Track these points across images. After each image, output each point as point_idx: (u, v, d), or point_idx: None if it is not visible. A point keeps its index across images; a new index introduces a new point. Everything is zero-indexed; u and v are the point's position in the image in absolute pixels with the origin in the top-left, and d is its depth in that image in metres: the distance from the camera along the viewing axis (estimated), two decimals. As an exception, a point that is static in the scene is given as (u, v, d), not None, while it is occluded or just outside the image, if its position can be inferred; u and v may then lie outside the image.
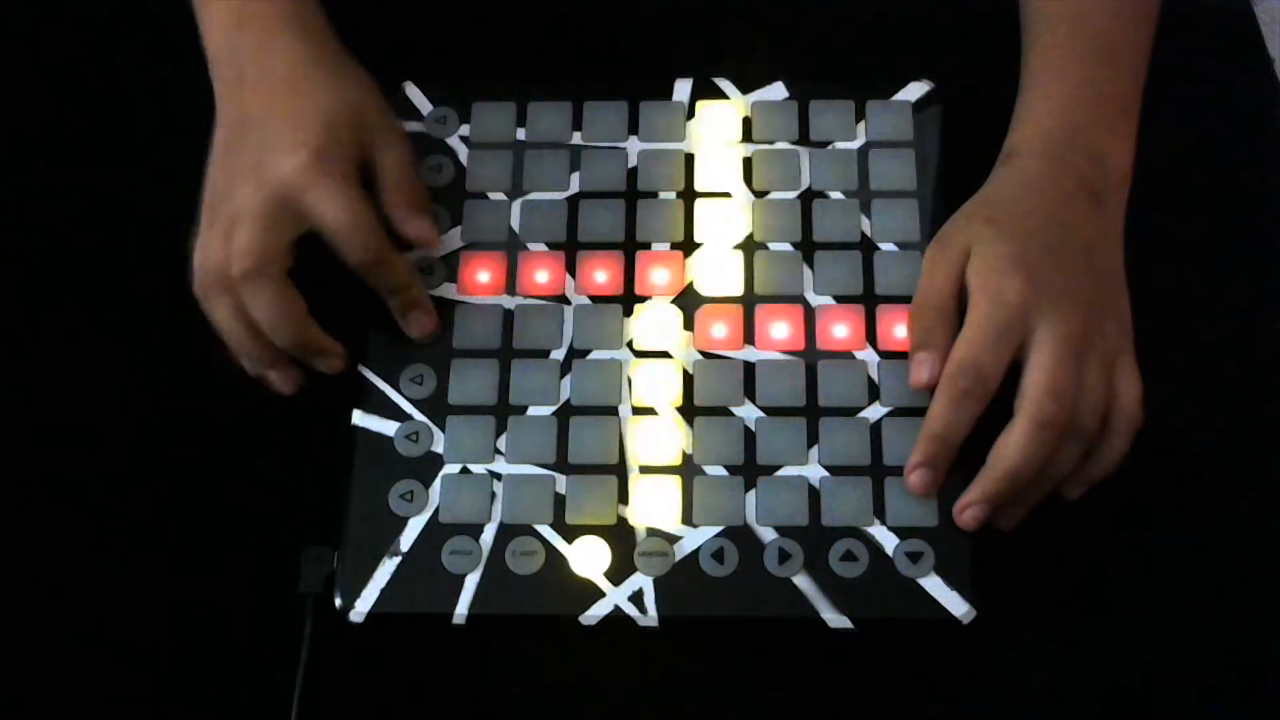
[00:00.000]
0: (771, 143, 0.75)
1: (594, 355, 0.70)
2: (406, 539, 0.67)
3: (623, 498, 0.67)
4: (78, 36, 0.81)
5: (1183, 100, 0.78)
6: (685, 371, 0.70)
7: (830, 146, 0.75)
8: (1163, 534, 0.68)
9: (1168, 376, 0.71)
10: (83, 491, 0.70)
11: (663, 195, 0.74)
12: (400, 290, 0.70)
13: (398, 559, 0.66)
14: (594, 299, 0.71)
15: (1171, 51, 0.79)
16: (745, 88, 0.76)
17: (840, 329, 0.70)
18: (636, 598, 0.65)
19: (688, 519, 0.67)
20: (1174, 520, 0.68)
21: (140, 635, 0.67)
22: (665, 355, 0.70)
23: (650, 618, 0.65)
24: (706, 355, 0.70)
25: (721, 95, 0.76)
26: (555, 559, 0.66)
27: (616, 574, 0.66)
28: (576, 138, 0.75)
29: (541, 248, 0.72)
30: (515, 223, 0.73)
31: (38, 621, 0.67)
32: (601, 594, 0.65)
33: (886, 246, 0.72)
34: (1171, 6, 0.78)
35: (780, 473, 0.67)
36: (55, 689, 0.66)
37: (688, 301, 0.71)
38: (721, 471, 0.67)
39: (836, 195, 0.73)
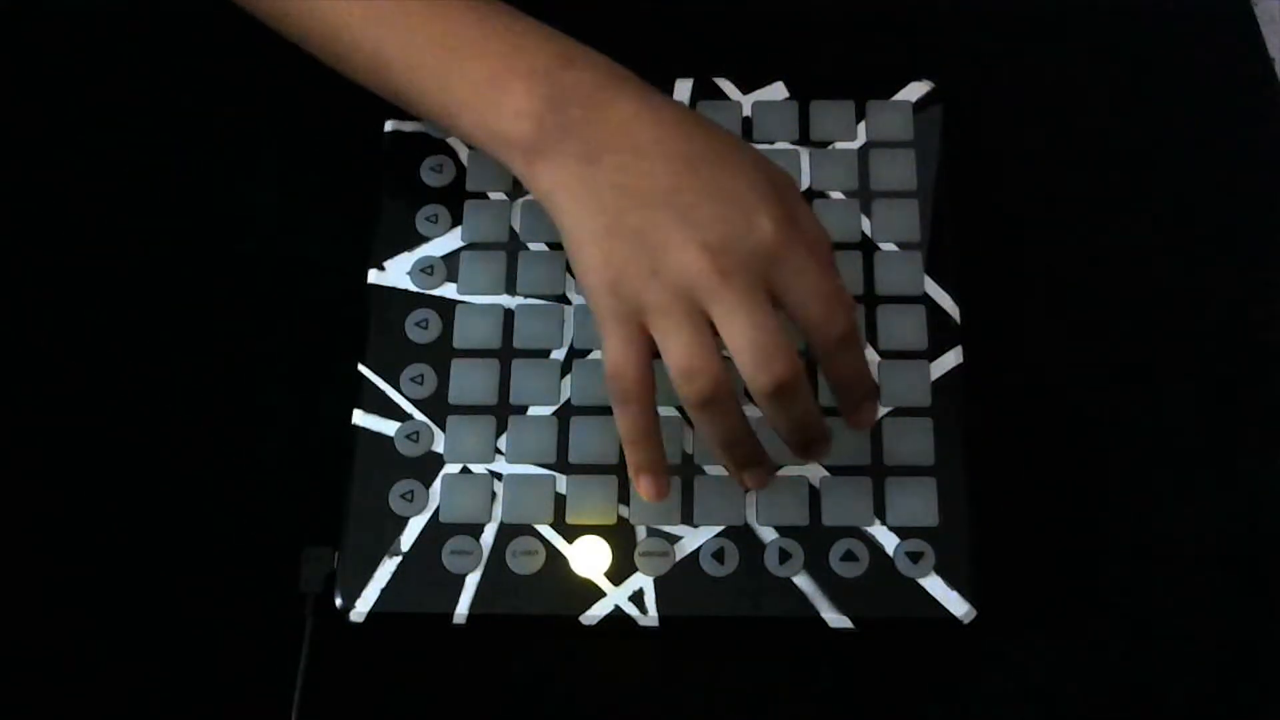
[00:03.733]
0: (771, 143, 0.75)
1: (594, 355, 0.70)
2: (407, 539, 0.67)
3: (623, 498, 0.67)
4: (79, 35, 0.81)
5: (1183, 100, 0.78)
6: (685, 371, 0.70)
7: (830, 146, 0.75)
8: (1162, 534, 0.68)
9: (1167, 376, 0.71)
10: (83, 491, 0.70)
11: (663, 195, 0.74)
12: (857, 388, 0.64)
13: (398, 559, 0.66)
14: (594, 299, 0.71)
15: (1171, 51, 0.79)
16: (745, 88, 0.76)
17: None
18: (637, 598, 0.65)
19: (688, 519, 0.67)
20: (1174, 520, 0.68)
21: (140, 635, 0.67)
22: (665, 355, 0.70)
23: (650, 618, 0.65)
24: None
25: (721, 95, 0.76)
26: (555, 559, 0.66)
27: (617, 574, 0.66)
28: (576, 138, 0.75)
29: (541, 248, 0.72)
30: (515, 223, 0.73)
31: (38, 621, 0.67)
32: (602, 594, 0.65)
33: (886, 246, 0.72)
34: (1171, 6, 0.78)
35: (780, 473, 0.67)
36: (55, 689, 0.66)
37: (688, 301, 0.71)
38: (722, 471, 0.67)
39: (836, 195, 0.73)
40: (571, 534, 0.66)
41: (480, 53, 0.64)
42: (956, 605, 0.65)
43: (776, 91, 0.76)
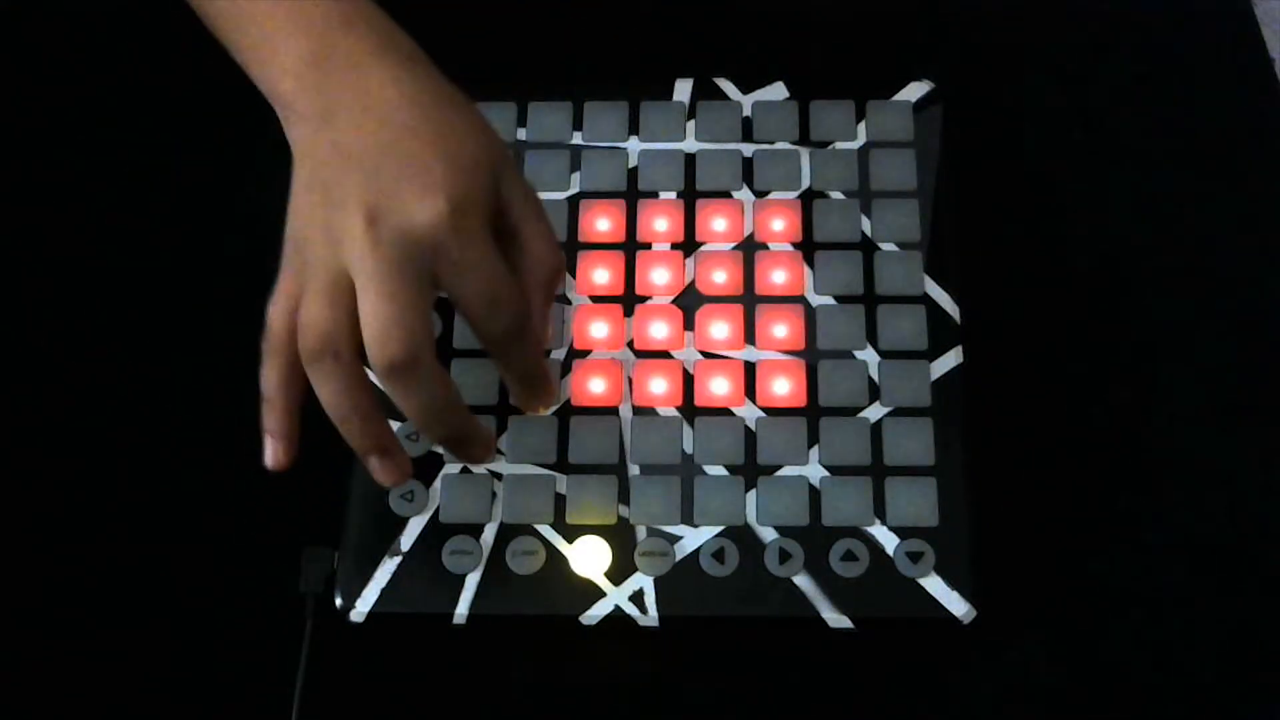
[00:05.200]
0: (771, 143, 0.75)
1: (594, 355, 0.70)
2: (407, 539, 0.67)
3: (623, 498, 0.67)
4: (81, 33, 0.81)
5: (1182, 100, 0.78)
6: (685, 371, 0.70)
7: (830, 146, 0.75)
8: (1163, 534, 0.68)
9: (1168, 377, 0.71)
10: (83, 491, 0.70)
11: (663, 195, 0.74)
12: (533, 376, 0.63)
13: (398, 559, 0.66)
14: (594, 299, 0.71)
15: (1171, 51, 0.79)
16: (745, 88, 0.76)
17: (840, 329, 0.70)
18: (637, 598, 0.65)
19: (688, 519, 0.67)
20: (1174, 520, 0.68)
21: (140, 635, 0.67)
22: (665, 355, 0.70)
23: (650, 618, 0.65)
24: (706, 355, 0.70)
25: (721, 95, 0.76)
26: (555, 559, 0.66)
27: (617, 574, 0.66)
28: (577, 138, 0.75)
29: (542, 248, 0.72)
30: (515, 223, 0.73)
31: (38, 621, 0.67)
32: (602, 594, 0.65)
33: (886, 246, 0.72)
34: (1171, 6, 0.78)
35: (780, 473, 0.67)
36: (55, 689, 0.66)
37: (688, 301, 0.71)
38: (721, 471, 0.67)
39: (836, 195, 0.73)
40: (571, 534, 0.66)
41: (268, 8, 0.62)
42: (956, 605, 0.65)
43: (776, 91, 0.76)
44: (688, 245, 0.73)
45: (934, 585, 0.65)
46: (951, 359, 0.69)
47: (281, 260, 0.60)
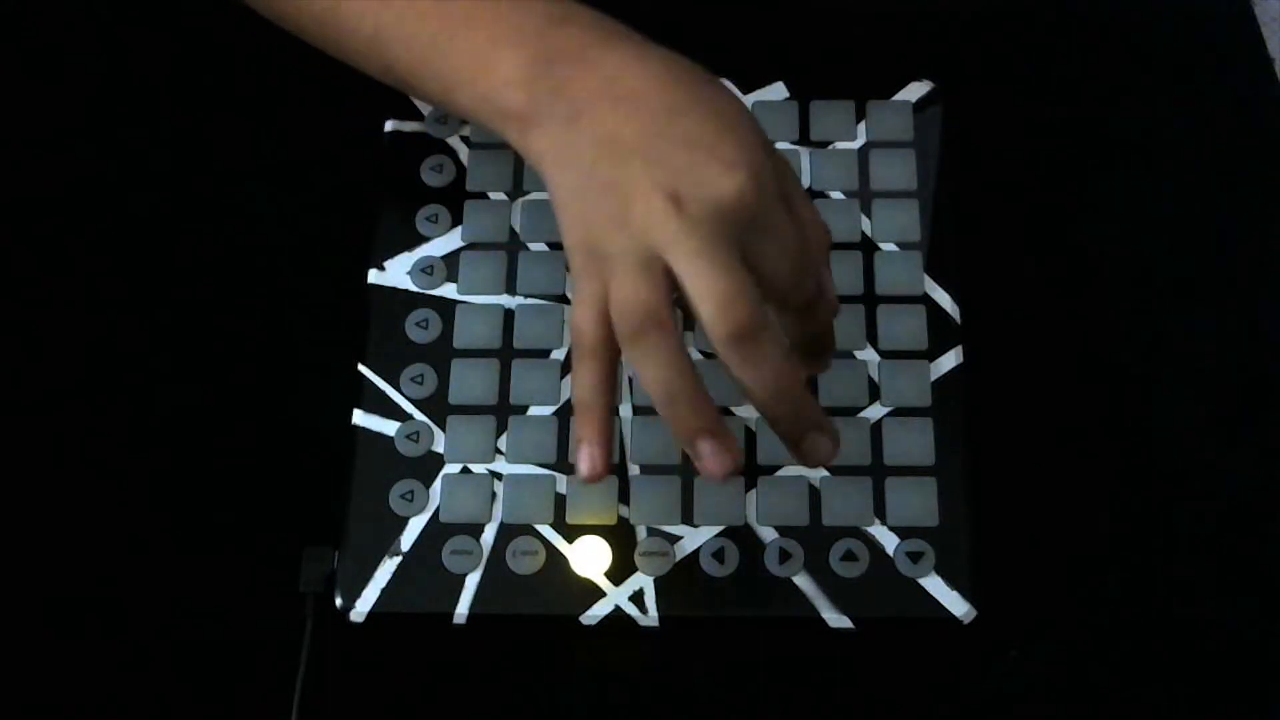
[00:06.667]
0: (772, 143, 0.75)
1: (594, 355, 0.70)
2: (407, 539, 0.67)
3: (623, 498, 0.67)
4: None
5: (1182, 100, 0.78)
6: (685, 371, 0.70)
7: (830, 146, 0.75)
8: (1163, 534, 0.68)
9: (1169, 376, 0.71)
10: (83, 491, 0.70)
11: (663, 195, 0.74)
12: (829, 333, 0.61)
13: (398, 559, 0.66)
14: (594, 299, 0.71)
15: (1171, 51, 0.79)
16: (745, 88, 0.76)
17: (840, 329, 0.70)
18: (637, 598, 0.65)
19: (688, 519, 0.67)
20: (1174, 520, 0.68)
21: (140, 635, 0.67)
22: (665, 355, 0.70)
23: (650, 618, 0.65)
24: (707, 355, 0.70)
25: (721, 95, 0.76)
26: (555, 559, 0.66)
27: (617, 574, 0.66)
28: (576, 138, 0.75)
29: (542, 248, 0.72)
30: (515, 223, 0.73)
31: (38, 621, 0.67)
32: (602, 594, 0.65)
33: (886, 246, 0.72)
34: (1171, 6, 0.78)
35: (780, 473, 0.67)
36: (55, 689, 0.66)
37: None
38: (722, 471, 0.67)
39: (836, 195, 0.73)
40: (571, 534, 0.66)
41: (472, 21, 0.61)
42: (956, 605, 0.65)
43: (776, 91, 0.76)
44: (688, 245, 0.72)
45: (934, 585, 0.65)
46: (951, 359, 0.69)
47: (573, 273, 0.58)
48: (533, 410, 0.69)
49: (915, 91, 0.76)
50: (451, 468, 0.68)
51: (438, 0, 0.63)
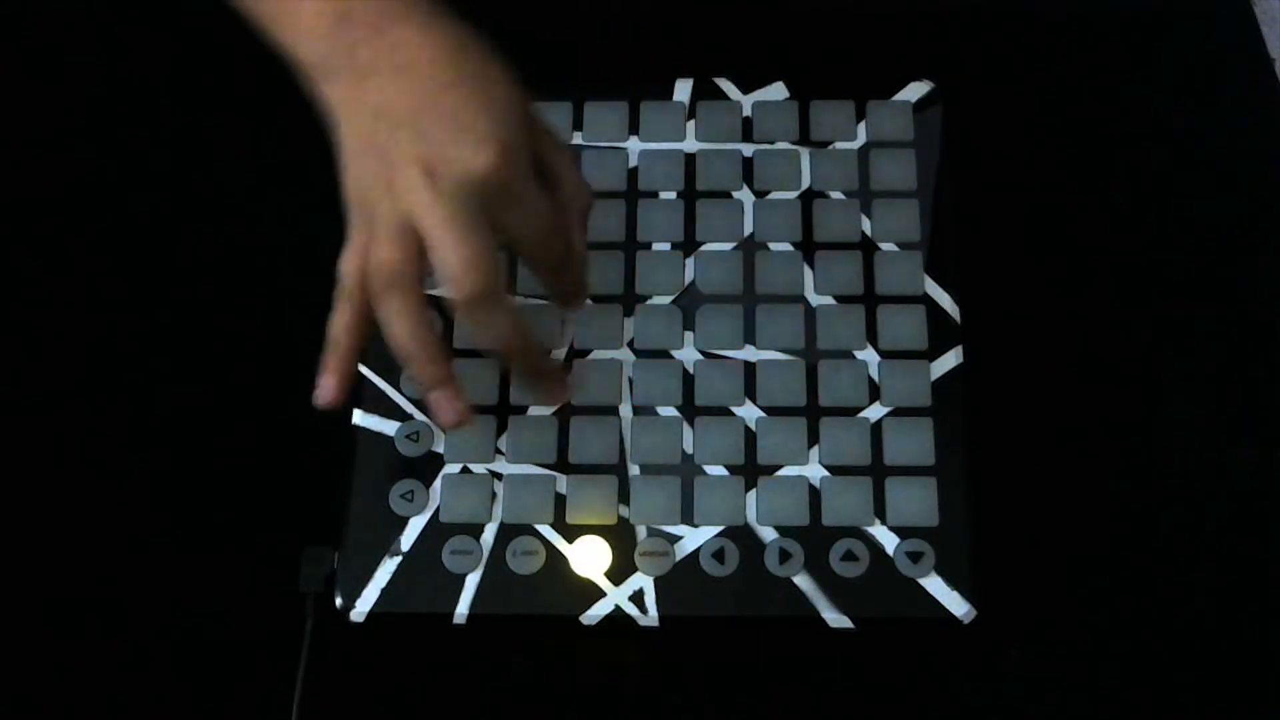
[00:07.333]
0: (771, 143, 0.75)
1: (594, 355, 0.70)
2: (407, 539, 0.67)
3: (623, 498, 0.67)
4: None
5: (1182, 100, 0.78)
6: (685, 371, 0.70)
7: (830, 146, 0.75)
8: (1163, 533, 0.68)
9: (1168, 376, 0.71)
10: (82, 491, 0.70)
11: (663, 195, 0.74)
12: (580, 288, 0.68)
13: (398, 559, 0.66)
14: (594, 299, 0.71)
15: (1172, 51, 0.79)
16: (745, 88, 0.76)
17: (840, 329, 0.70)
18: (637, 598, 0.65)
19: (688, 519, 0.67)
20: (1174, 519, 0.68)
21: (140, 635, 0.67)
22: (665, 355, 0.70)
23: (650, 618, 0.65)
24: (706, 355, 0.70)
25: (721, 95, 0.76)
26: (555, 559, 0.66)
27: (617, 574, 0.66)
28: (577, 138, 0.75)
29: (541, 248, 0.72)
30: (515, 223, 0.73)
31: (38, 621, 0.67)
32: (602, 594, 0.65)
33: (886, 246, 0.72)
34: (1171, 6, 0.78)
35: (780, 473, 0.67)
36: (55, 689, 0.66)
37: (688, 301, 0.71)
38: (722, 471, 0.67)
39: (836, 195, 0.73)
40: (571, 534, 0.67)
41: None
42: (956, 605, 0.65)
43: (776, 91, 0.76)
44: (688, 245, 0.73)
45: (934, 585, 0.65)
46: (951, 359, 0.69)
47: (349, 219, 0.63)
48: (532, 410, 0.69)
49: (915, 91, 0.76)
50: (451, 468, 0.68)
51: None
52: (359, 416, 0.69)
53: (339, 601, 0.66)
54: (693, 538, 0.66)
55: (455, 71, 0.62)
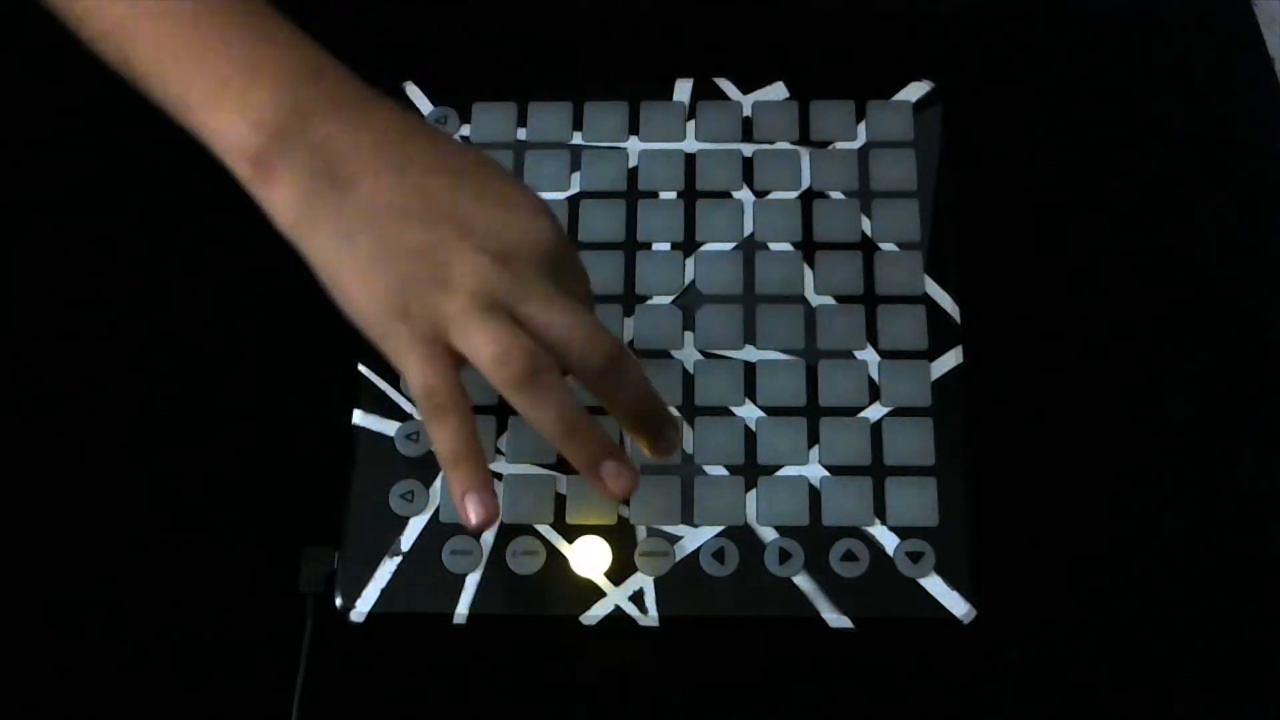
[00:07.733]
0: (771, 143, 0.75)
1: (594, 355, 0.70)
2: (407, 539, 0.67)
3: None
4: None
5: (1182, 100, 0.78)
6: (685, 371, 0.70)
7: (830, 146, 0.75)
8: (1163, 533, 0.68)
9: (1167, 376, 0.71)
10: (82, 491, 0.70)
11: (663, 195, 0.74)
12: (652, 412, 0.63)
13: (398, 559, 0.66)
14: (594, 299, 0.71)
15: (1171, 51, 0.79)
16: (745, 88, 0.76)
17: (840, 329, 0.70)
18: (637, 598, 0.65)
19: (688, 519, 0.67)
20: (1174, 519, 0.68)
21: (140, 634, 0.67)
22: (665, 355, 0.70)
23: (650, 618, 0.65)
24: (706, 355, 0.70)
25: (721, 95, 0.76)
26: (555, 559, 0.66)
27: (617, 574, 0.66)
28: (577, 138, 0.75)
29: (541, 248, 0.72)
30: (515, 223, 0.73)
31: (38, 621, 0.67)
32: (602, 594, 0.66)
33: (886, 246, 0.72)
34: (1171, 6, 0.78)
35: (781, 473, 0.67)
36: (55, 688, 0.66)
37: (688, 301, 0.71)
38: (722, 471, 0.67)
39: (836, 195, 0.73)
40: (571, 534, 0.66)
41: (229, 44, 0.60)
42: (956, 605, 0.65)
43: (776, 91, 0.76)
44: (688, 245, 0.73)
45: (934, 585, 0.65)
46: (951, 359, 0.69)
47: (382, 337, 0.59)
48: (533, 410, 0.69)
49: (915, 91, 0.76)
50: (451, 468, 0.68)
51: (198, 9, 0.61)
52: (359, 416, 0.69)
53: (339, 601, 0.66)
54: (693, 538, 0.66)
55: (457, 161, 0.61)
